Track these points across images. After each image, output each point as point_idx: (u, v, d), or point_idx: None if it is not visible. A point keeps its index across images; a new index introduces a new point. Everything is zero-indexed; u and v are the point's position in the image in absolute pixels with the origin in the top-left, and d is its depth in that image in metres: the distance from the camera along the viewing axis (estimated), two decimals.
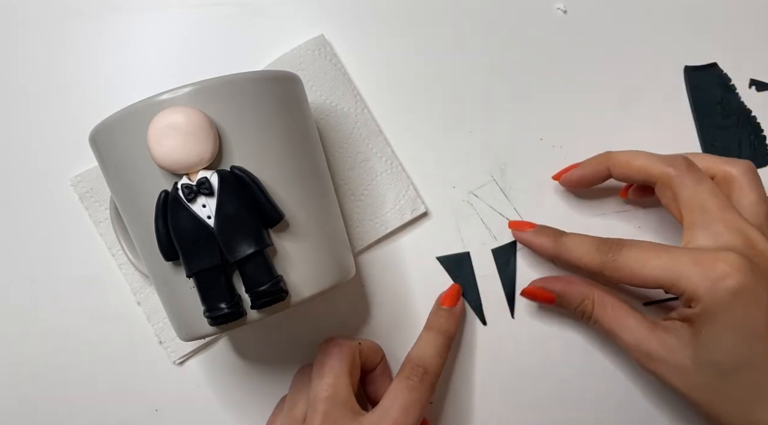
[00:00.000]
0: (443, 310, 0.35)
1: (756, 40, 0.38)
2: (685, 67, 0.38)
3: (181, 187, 0.26)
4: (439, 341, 0.33)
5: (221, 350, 0.37)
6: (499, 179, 0.38)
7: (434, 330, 0.34)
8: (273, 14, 0.38)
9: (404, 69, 0.38)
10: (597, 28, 0.38)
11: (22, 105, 0.38)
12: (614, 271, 0.30)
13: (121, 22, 0.38)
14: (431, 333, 0.34)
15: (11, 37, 0.38)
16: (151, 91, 0.27)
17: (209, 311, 0.27)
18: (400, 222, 0.37)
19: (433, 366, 0.32)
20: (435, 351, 0.32)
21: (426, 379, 0.31)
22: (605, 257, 0.31)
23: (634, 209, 0.37)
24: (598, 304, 0.33)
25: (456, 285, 0.36)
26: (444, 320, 0.34)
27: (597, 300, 0.33)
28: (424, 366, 0.31)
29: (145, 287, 0.37)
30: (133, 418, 0.37)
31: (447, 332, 0.34)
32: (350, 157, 0.37)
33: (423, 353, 0.32)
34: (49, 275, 0.37)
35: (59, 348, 0.37)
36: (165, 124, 0.25)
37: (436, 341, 0.33)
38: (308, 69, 0.37)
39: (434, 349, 0.33)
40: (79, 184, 0.37)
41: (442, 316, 0.34)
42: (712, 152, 0.38)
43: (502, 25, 0.38)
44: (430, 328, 0.34)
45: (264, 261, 0.26)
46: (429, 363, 0.32)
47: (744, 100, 0.38)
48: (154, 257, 0.28)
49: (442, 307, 0.35)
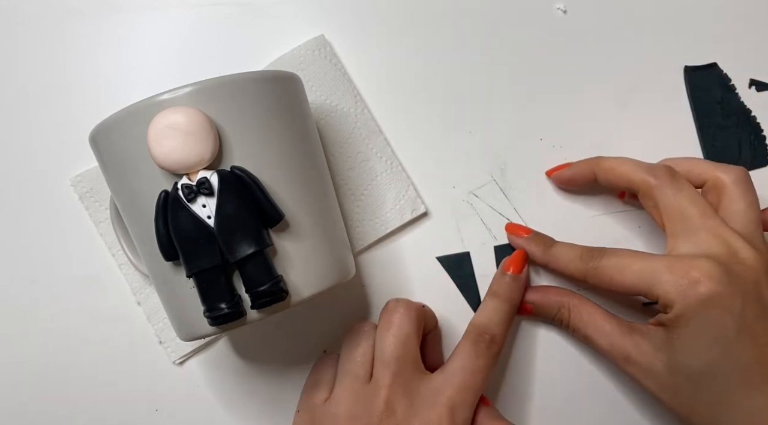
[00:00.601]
0: (508, 277, 0.34)
1: (756, 40, 0.38)
2: (685, 67, 0.38)
3: (181, 187, 0.26)
4: (505, 308, 0.33)
5: (221, 350, 0.37)
6: (499, 179, 0.38)
7: (499, 296, 0.33)
8: (273, 14, 0.38)
9: (404, 69, 0.38)
10: (597, 28, 0.38)
11: (22, 105, 0.38)
12: (596, 278, 0.31)
13: (121, 22, 0.38)
14: (496, 300, 0.33)
15: (11, 37, 0.38)
16: (151, 91, 0.27)
17: (209, 312, 0.27)
18: (400, 222, 0.37)
19: (499, 334, 0.32)
20: (500, 319, 0.32)
21: (493, 347, 0.31)
22: (587, 265, 0.31)
23: (634, 209, 0.37)
24: (574, 311, 0.33)
25: (522, 251, 0.35)
26: (508, 287, 0.33)
27: (573, 308, 0.33)
28: (491, 334, 0.31)
29: (145, 287, 0.37)
30: (133, 418, 0.37)
31: (512, 299, 0.33)
32: (350, 157, 0.37)
33: (489, 320, 0.32)
34: (49, 275, 0.37)
35: (59, 348, 0.37)
36: (165, 124, 0.25)
37: (502, 308, 0.33)
38: (308, 69, 0.37)
39: (500, 316, 0.32)
40: (79, 184, 0.37)
41: (507, 283, 0.34)
42: (712, 151, 0.38)
43: (502, 25, 0.38)
44: (494, 295, 0.33)
45: (264, 261, 0.26)
46: (495, 330, 0.32)
47: (744, 100, 0.38)
48: (154, 257, 0.28)
49: (507, 273, 0.34)
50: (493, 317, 0.32)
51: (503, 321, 0.32)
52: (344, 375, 0.31)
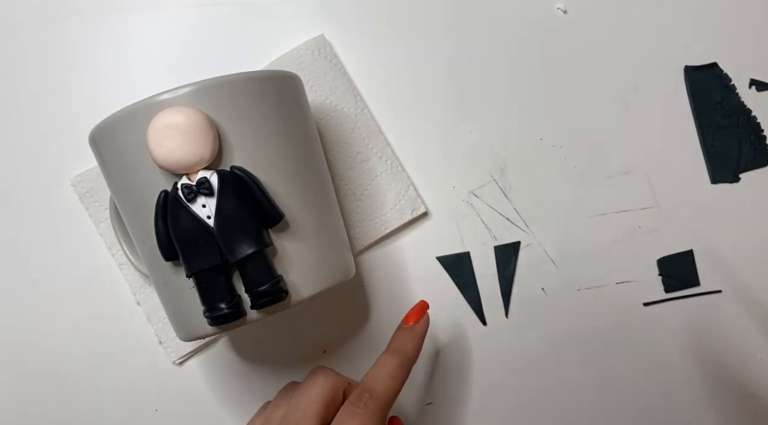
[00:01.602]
0: (403, 329, 0.33)
1: (756, 40, 0.38)
2: (685, 67, 0.38)
3: (181, 187, 0.26)
4: (393, 362, 0.31)
5: (221, 350, 0.37)
6: (499, 179, 0.38)
7: (389, 350, 0.32)
8: (273, 14, 0.38)
9: (404, 69, 0.38)
10: (597, 28, 0.38)
11: (22, 105, 0.38)
12: None
13: (121, 22, 0.38)
14: (386, 354, 0.32)
15: (11, 37, 0.38)
16: (151, 91, 0.27)
17: (209, 312, 0.27)
18: (400, 222, 0.37)
19: (380, 389, 0.30)
20: (386, 374, 0.31)
21: (372, 404, 0.29)
22: None
23: (634, 208, 0.37)
24: None
25: (422, 302, 0.34)
26: (402, 339, 0.32)
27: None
28: (370, 391, 0.30)
29: (145, 287, 0.37)
30: (133, 418, 0.37)
31: (403, 352, 0.32)
32: (350, 157, 0.37)
33: (372, 377, 0.31)
34: (49, 275, 0.37)
35: (59, 348, 0.37)
36: (165, 124, 0.25)
37: (389, 362, 0.31)
38: (308, 69, 0.37)
39: (385, 371, 0.31)
40: (79, 184, 0.37)
41: (399, 335, 0.33)
42: (713, 151, 0.38)
43: (502, 25, 0.38)
44: (387, 349, 0.32)
45: (264, 261, 0.26)
46: (376, 386, 0.30)
47: (744, 100, 0.38)
48: (154, 257, 0.28)
49: (403, 326, 0.33)
50: (377, 374, 0.31)
51: (390, 375, 0.31)
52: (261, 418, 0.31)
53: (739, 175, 0.38)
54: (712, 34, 0.38)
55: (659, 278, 0.37)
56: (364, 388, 0.30)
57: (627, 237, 0.37)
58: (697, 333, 0.37)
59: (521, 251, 0.37)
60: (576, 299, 0.37)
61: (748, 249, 0.38)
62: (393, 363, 0.31)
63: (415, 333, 0.32)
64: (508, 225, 0.38)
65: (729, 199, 0.38)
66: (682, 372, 0.37)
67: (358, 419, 0.29)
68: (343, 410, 0.29)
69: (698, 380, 0.37)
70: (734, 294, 0.37)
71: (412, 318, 0.33)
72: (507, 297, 0.37)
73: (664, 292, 0.37)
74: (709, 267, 0.37)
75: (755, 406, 0.37)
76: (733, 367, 0.37)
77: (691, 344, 0.37)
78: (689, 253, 0.37)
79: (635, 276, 0.37)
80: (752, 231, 0.38)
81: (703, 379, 0.37)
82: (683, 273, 0.37)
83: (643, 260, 0.37)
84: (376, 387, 0.30)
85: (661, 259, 0.37)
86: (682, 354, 0.37)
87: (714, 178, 0.38)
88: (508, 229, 0.37)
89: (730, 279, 0.37)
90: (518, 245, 0.37)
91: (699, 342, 0.37)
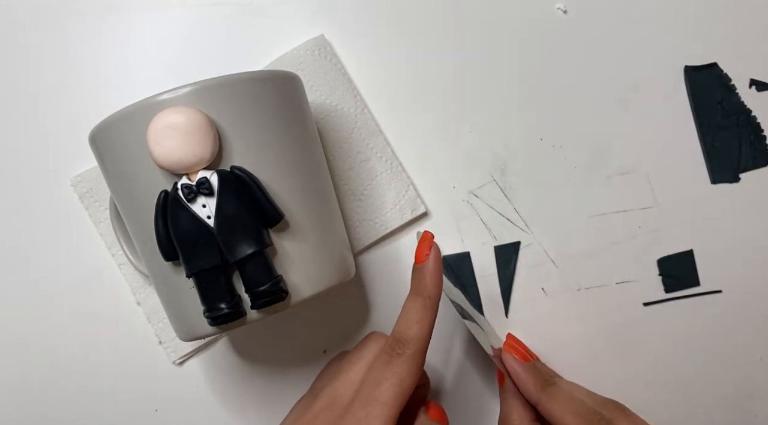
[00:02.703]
0: (416, 270, 0.31)
1: (756, 40, 0.38)
2: (685, 67, 0.38)
3: (181, 187, 0.26)
4: (417, 306, 0.31)
5: (221, 350, 0.37)
6: (499, 179, 0.38)
7: (411, 294, 0.31)
8: (273, 14, 0.38)
9: (404, 69, 0.38)
10: (597, 28, 0.38)
11: (23, 105, 0.38)
12: None
13: (121, 22, 0.38)
14: (409, 299, 0.31)
15: (11, 37, 0.38)
16: (151, 91, 0.27)
17: (209, 312, 0.27)
18: (400, 222, 0.37)
19: (410, 335, 0.30)
20: (412, 319, 0.30)
21: (405, 350, 0.29)
22: None
23: (634, 208, 0.37)
24: None
25: (425, 233, 0.32)
26: (418, 281, 0.31)
27: None
28: (401, 339, 0.30)
29: (145, 287, 0.37)
30: (133, 418, 0.37)
31: (423, 293, 0.31)
32: (350, 157, 0.37)
33: (401, 325, 0.30)
34: (49, 275, 0.37)
35: (59, 348, 0.37)
36: (165, 124, 0.25)
37: (413, 308, 0.31)
38: (308, 69, 0.37)
39: (412, 317, 0.30)
40: (79, 184, 0.37)
41: (416, 277, 0.31)
42: (713, 151, 0.38)
43: (502, 25, 0.38)
44: (409, 293, 0.32)
45: (264, 261, 0.26)
46: (406, 333, 0.30)
47: (744, 100, 0.38)
48: (154, 257, 0.28)
49: (416, 266, 0.32)
50: (406, 320, 0.30)
51: (416, 319, 0.30)
52: None
53: (739, 175, 0.38)
54: (712, 34, 0.38)
55: (659, 278, 0.37)
56: (395, 337, 0.30)
57: (627, 237, 0.37)
58: (697, 333, 0.37)
59: (521, 251, 0.37)
60: (576, 299, 0.37)
61: (748, 249, 0.37)
62: (417, 306, 0.31)
63: (428, 270, 0.31)
64: (508, 225, 0.38)
65: (729, 199, 0.38)
66: (682, 372, 0.37)
67: (395, 367, 0.29)
68: (378, 361, 0.30)
69: (698, 380, 0.37)
70: (734, 294, 0.37)
71: (421, 255, 0.31)
72: (507, 297, 0.37)
73: (664, 292, 0.37)
74: (709, 267, 0.37)
75: (755, 406, 0.37)
76: (733, 367, 0.37)
77: (691, 344, 0.37)
78: (689, 253, 0.37)
79: (635, 276, 0.37)
80: (752, 231, 0.38)
81: (702, 379, 0.37)
82: (683, 273, 0.37)
83: (643, 260, 0.37)
84: (405, 333, 0.30)
85: (661, 259, 0.37)
86: (682, 354, 0.37)
87: (714, 178, 0.38)
88: (508, 229, 0.37)
89: (730, 279, 0.37)
90: (518, 245, 0.37)
91: (699, 342, 0.37)
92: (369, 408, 0.28)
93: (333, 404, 0.29)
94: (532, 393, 0.32)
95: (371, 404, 0.28)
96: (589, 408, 0.31)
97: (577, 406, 0.31)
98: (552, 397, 0.32)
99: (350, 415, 0.28)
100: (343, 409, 0.29)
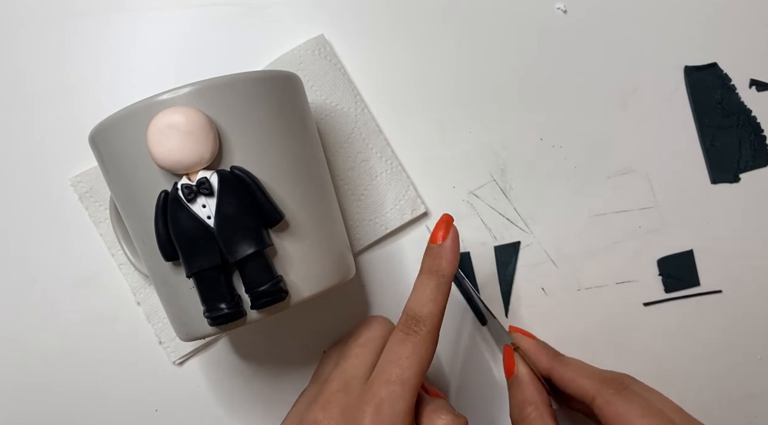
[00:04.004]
0: (432, 248, 0.31)
1: (756, 40, 0.38)
2: (685, 67, 0.38)
3: (181, 187, 0.26)
4: (431, 284, 0.30)
5: (221, 350, 0.37)
6: (499, 179, 0.38)
7: (424, 272, 0.31)
8: (273, 14, 0.38)
9: (404, 69, 0.38)
10: (597, 28, 0.38)
11: (23, 105, 0.38)
12: None
13: (121, 22, 0.38)
14: (421, 276, 0.31)
15: (12, 37, 0.38)
16: (151, 91, 0.27)
17: (209, 312, 0.27)
18: (400, 222, 0.37)
19: (424, 313, 0.29)
20: (426, 297, 0.30)
21: (420, 328, 0.29)
22: None
23: (634, 208, 0.37)
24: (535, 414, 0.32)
25: (445, 215, 0.32)
26: (433, 259, 0.31)
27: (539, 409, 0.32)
28: (415, 317, 0.30)
29: (145, 287, 0.37)
30: (133, 418, 0.37)
31: (437, 271, 0.30)
32: (350, 157, 0.37)
33: (414, 302, 0.30)
34: (49, 275, 0.37)
35: (59, 348, 0.37)
36: (165, 124, 0.25)
37: (427, 286, 0.30)
38: (308, 69, 0.37)
39: (425, 295, 0.30)
40: (79, 184, 0.37)
41: (431, 255, 0.31)
42: (713, 151, 0.38)
43: (502, 25, 0.38)
44: (421, 271, 0.31)
45: (264, 261, 0.26)
46: (420, 311, 0.30)
47: (744, 100, 0.38)
48: (154, 257, 0.28)
49: (432, 245, 0.31)
50: (417, 298, 0.30)
51: (431, 297, 0.30)
52: None
53: (739, 175, 0.38)
54: (712, 34, 0.38)
55: (659, 278, 0.37)
56: (409, 315, 0.30)
57: (627, 237, 0.37)
58: (697, 333, 0.37)
59: (521, 251, 0.37)
60: (576, 299, 0.37)
61: (748, 249, 0.38)
62: (431, 285, 0.30)
63: (446, 248, 0.31)
64: (508, 225, 0.38)
65: (729, 199, 0.38)
66: (681, 372, 0.37)
67: (411, 345, 0.29)
68: (394, 339, 0.29)
69: (698, 380, 0.37)
70: (734, 294, 0.37)
71: (439, 235, 0.31)
72: (507, 297, 0.37)
73: (664, 292, 0.37)
74: (709, 267, 0.37)
75: (755, 406, 0.37)
76: (733, 367, 0.37)
77: (691, 344, 0.37)
78: (689, 253, 0.37)
79: (635, 276, 0.37)
80: (752, 231, 0.38)
81: (702, 379, 0.37)
82: (683, 273, 0.37)
83: (643, 260, 0.37)
84: (421, 311, 0.30)
85: (661, 259, 0.37)
86: (682, 354, 0.37)
87: (714, 178, 0.38)
88: (508, 229, 0.37)
89: (730, 279, 0.37)
90: (518, 245, 0.37)
91: (699, 342, 0.37)
92: (391, 386, 0.28)
93: (347, 386, 0.29)
94: (545, 363, 0.33)
95: (393, 383, 0.28)
96: (601, 371, 0.31)
97: (589, 370, 0.32)
98: (564, 363, 0.32)
99: (370, 395, 0.28)
100: (360, 390, 0.29)
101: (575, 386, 0.31)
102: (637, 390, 0.30)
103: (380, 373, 0.28)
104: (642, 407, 0.29)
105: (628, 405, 0.29)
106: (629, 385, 0.30)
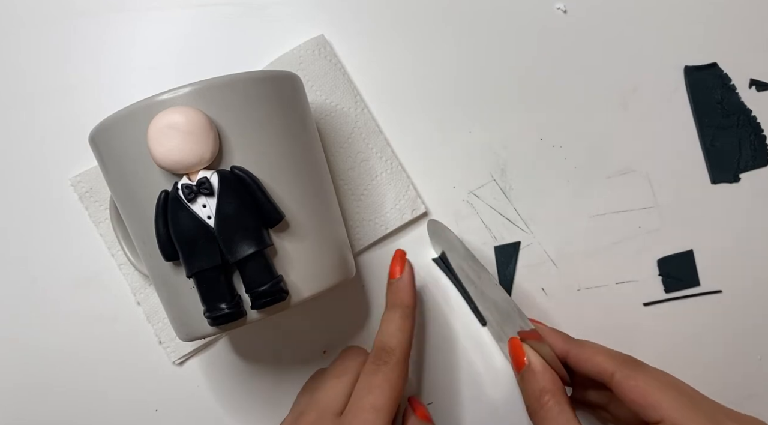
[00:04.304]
0: (392, 284, 0.34)
1: (756, 40, 0.38)
2: (685, 67, 0.38)
3: (181, 187, 0.26)
4: (396, 316, 0.32)
5: (221, 350, 0.37)
6: (499, 179, 0.38)
7: (389, 306, 0.33)
8: (273, 14, 0.38)
9: (404, 69, 0.38)
10: (597, 28, 0.38)
11: (23, 105, 0.38)
12: None
13: (121, 22, 0.38)
14: (387, 311, 0.33)
15: (12, 37, 0.38)
16: (151, 91, 0.27)
17: (209, 312, 0.27)
18: (400, 222, 0.37)
19: (393, 343, 0.31)
20: (394, 328, 0.32)
21: (390, 358, 0.31)
22: None
23: (634, 208, 0.37)
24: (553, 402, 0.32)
25: (398, 251, 0.34)
26: (395, 293, 0.33)
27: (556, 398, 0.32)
28: (385, 348, 0.31)
29: (145, 287, 0.37)
30: (133, 418, 0.37)
31: (401, 303, 0.33)
32: (350, 157, 0.37)
33: (383, 335, 0.32)
34: (49, 275, 0.37)
35: (59, 348, 0.37)
36: (165, 124, 0.25)
37: (393, 318, 0.32)
38: (308, 69, 0.37)
39: (393, 326, 0.32)
40: (79, 184, 0.37)
41: (392, 291, 0.34)
42: (713, 151, 0.38)
43: (502, 25, 0.38)
44: (386, 306, 0.33)
45: (264, 261, 0.26)
46: (389, 342, 0.31)
47: (744, 100, 0.38)
48: (154, 257, 0.28)
49: (391, 280, 0.34)
50: (385, 331, 0.32)
51: (398, 328, 0.32)
52: None
53: (739, 175, 0.38)
54: (712, 34, 0.38)
55: (659, 278, 0.37)
56: (378, 347, 0.31)
57: (627, 237, 0.37)
58: (697, 333, 0.37)
59: (521, 251, 0.37)
60: (576, 299, 0.37)
61: (748, 249, 0.38)
62: (395, 317, 0.32)
63: (404, 282, 0.33)
64: (508, 225, 0.38)
65: (729, 199, 0.38)
66: (681, 372, 0.37)
67: (381, 374, 0.30)
68: (366, 371, 0.31)
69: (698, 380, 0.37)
70: (734, 294, 0.37)
71: (396, 269, 0.34)
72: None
73: (664, 292, 0.37)
74: (709, 267, 0.37)
75: (755, 406, 0.37)
76: (733, 367, 0.37)
77: (691, 344, 0.37)
78: (689, 253, 0.37)
79: (635, 276, 0.37)
80: (752, 231, 0.38)
81: (702, 379, 0.37)
82: (683, 273, 0.37)
83: (643, 260, 0.37)
84: (389, 342, 0.31)
85: (661, 259, 0.37)
86: (682, 354, 0.37)
87: (714, 178, 0.38)
88: (508, 229, 0.37)
89: (730, 279, 0.37)
90: (518, 245, 0.37)
91: (699, 342, 0.37)
92: (365, 415, 0.28)
93: (322, 417, 0.30)
94: (561, 345, 0.33)
95: (366, 411, 0.28)
96: (616, 351, 0.32)
97: (605, 350, 0.32)
98: (580, 344, 0.32)
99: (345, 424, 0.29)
100: (334, 420, 0.29)
101: (593, 363, 0.31)
102: (652, 369, 0.31)
103: (354, 403, 0.29)
104: (661, 381, 0.29)
105: (647, 378, 0.29)
106: (645, 365, 0.31)
